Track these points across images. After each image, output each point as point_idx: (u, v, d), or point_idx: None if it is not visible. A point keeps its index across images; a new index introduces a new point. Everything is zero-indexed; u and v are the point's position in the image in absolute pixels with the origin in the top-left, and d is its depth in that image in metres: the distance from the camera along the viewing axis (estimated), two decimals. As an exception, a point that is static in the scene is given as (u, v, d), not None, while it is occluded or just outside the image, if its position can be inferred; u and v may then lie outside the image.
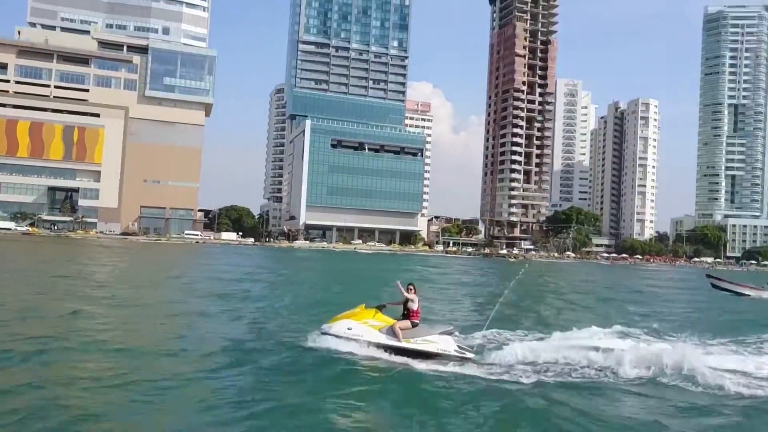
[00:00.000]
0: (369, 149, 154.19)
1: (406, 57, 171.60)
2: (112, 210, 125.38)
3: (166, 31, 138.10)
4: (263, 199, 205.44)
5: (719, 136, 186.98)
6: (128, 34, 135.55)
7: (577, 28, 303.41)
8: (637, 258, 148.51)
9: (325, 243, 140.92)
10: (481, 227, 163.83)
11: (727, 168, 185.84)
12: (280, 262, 61.26)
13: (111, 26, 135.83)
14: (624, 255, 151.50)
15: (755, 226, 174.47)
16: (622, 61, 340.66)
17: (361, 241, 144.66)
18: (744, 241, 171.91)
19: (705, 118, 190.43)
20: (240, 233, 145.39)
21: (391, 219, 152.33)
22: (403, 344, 12.24)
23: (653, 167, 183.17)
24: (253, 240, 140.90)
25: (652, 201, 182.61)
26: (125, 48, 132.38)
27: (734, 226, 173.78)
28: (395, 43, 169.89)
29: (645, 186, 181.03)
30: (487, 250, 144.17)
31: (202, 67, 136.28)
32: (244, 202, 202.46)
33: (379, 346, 12.09)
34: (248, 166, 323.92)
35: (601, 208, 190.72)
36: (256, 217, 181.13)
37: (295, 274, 42.93)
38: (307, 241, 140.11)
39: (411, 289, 12.86)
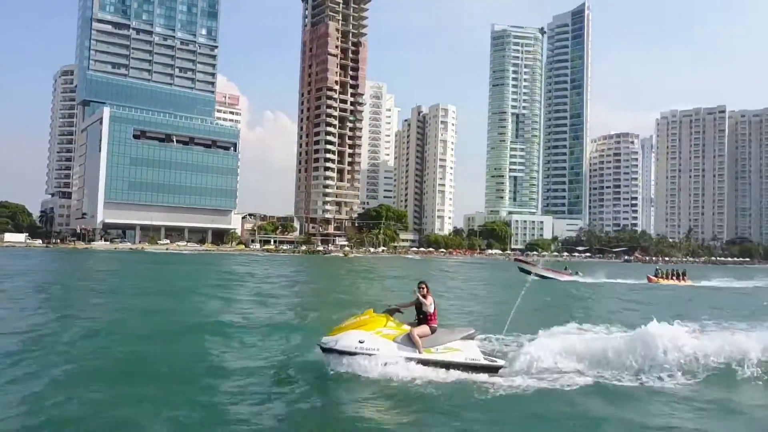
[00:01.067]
0: (177, 141, 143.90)
1: (216, 46, 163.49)
2: None
3: None
4: (45, 194, 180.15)
5: (504, 141, 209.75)
6: None
7: (380, 34, 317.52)
8: (442, 251, 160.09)
9: (129, 243, 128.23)
10: (297, 224, 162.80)
11: (510, 170, 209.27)
12: (76, 267, 53.93)
13: None
14: (431, 249, 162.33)
15: (533, 221, 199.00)
16: (423, 68, 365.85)
17: (169, 241, 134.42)
18: (525, 234, 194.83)
19: (493, 124, 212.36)
20: (27, 234, 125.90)
21: (203, 216, 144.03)
22: (425, 356, 10.58)
23: (451, 168, 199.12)
24: (41, 241, 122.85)
25: (450, 199, 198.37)
26: None
27: (517, 221, 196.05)
28: (204, 31, 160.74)
29: (444, 185, 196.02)
30: (304, 247, 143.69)
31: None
32: (18, 198, 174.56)
33: (398, 360, 10.31)
34: (24, 157, 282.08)
35: (406, 206, 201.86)
36: (38, 215, 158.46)
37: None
38: (107, 242, 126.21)
39: (423, 288, 11.20)
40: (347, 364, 10.17)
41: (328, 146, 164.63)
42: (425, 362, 10.39)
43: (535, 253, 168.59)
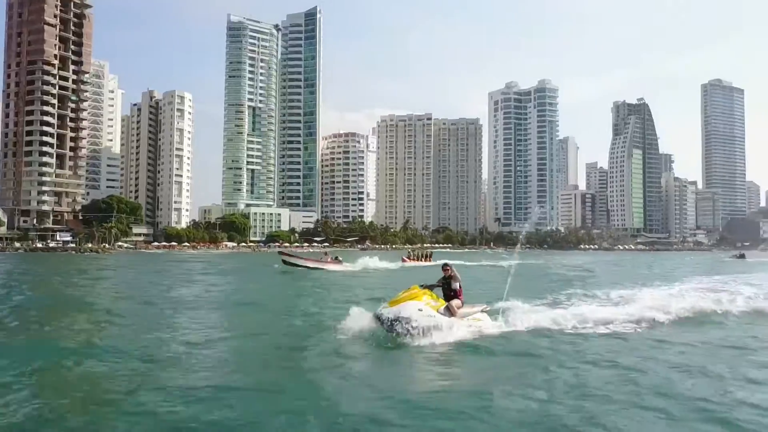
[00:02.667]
0: None
1: None
2: None
3: None
4: None
5: (241, 133, 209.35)
6: None
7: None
8: (185, 245, 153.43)
9: None
10: (3, 217, 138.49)
11: (248, 163, 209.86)
12: None
13: None
14: (173, 243, 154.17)
15: (271, 214, 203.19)
16: (153, 52, 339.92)
17: None
18: (263, 226, 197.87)
19: (230, 116, 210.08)
20: None
21: None
22: (462, 322, 12.90)
23: (188, 158, 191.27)
24: None
25: (187, 191, 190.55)
26: None
27: (255, 213, 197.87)
28: None
29: (181, 176, 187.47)
30: (18, 245, 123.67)
31: None
32: None
33: (444, 325, 12.31)
34: None
35: (137, 197, 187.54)
36: None
37: None
38: None
39: (448, 269, 13.48)
40: (410, 328, 11.80)
41: (46, 128, 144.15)
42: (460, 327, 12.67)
43: (276, 244, 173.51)
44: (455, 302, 13.02)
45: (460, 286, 13.41)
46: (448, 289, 13.33)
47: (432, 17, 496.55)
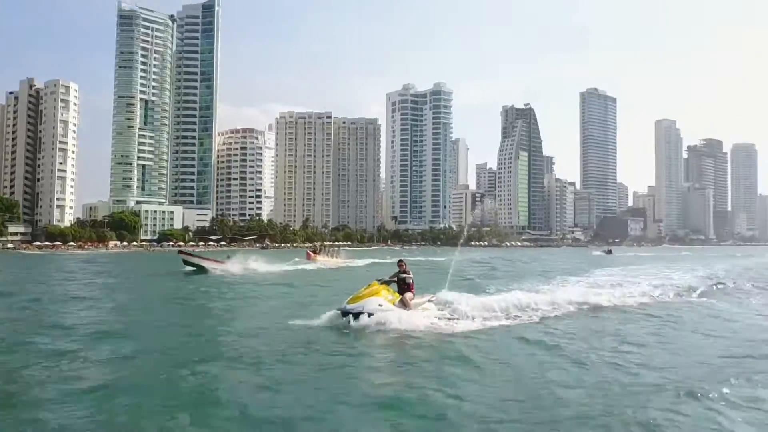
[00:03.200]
0: None
1: None
2: None
3: None
4: None
5: (132, 127, 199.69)
6: None
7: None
8: (71, 245, 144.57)
9: None
10: None
11: (139, 158, 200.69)
12: None
13: None
14: (57, 243, 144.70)
15: (163, 212, 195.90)
16: (42, 39, 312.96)
17: None
18: (155, 224, 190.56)
19: (119, 108, 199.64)
20: None
21: None
22: (415, 312, 14.84)
23: (73, 152, 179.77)
24: None
25: (72, 186, 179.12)
26: None
27: (146, 211, 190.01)
28: None
29: (65, 171, 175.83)
30: None
31: None
32: None
33: (400, 317, 14.15)
34: None
35: (12, 193, 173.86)
36: None
37: None
38: None
39: (403, 265, 15.50)
40: (373, 321, 13.68)
41: None
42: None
43: (171, 243, 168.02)
44: (408, 295, 14.98)
45: (412, 280, 15.44)
46: (402, 282, 15.20)
47: (330, 13, 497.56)
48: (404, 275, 15.41)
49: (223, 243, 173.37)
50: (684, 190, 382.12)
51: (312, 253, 54.80)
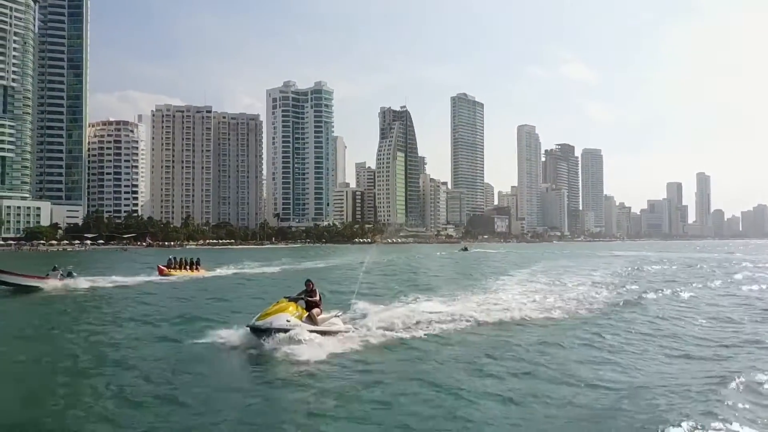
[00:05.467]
0: None
1: None
2: None
3: None
4: None
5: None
6: None
7: None
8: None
9: None
10: None
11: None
12: None
13: None
14: None
15: (28, 207, 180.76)
16: None
17: None
18: (19, 221, 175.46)
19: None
20: None
21: None
22: (322, 328, 15.50)
23: None
24: None
25: None
26: None
27: (9, 207, 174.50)
28: None
29: None
30: None
31: None
32: None
33: (309, 332, 14.67)
34: None
35: None
36: None
37: None
38: None
39: (310, 284, 16.18)
40: (281, 337, 13.95)
41: None
42: (323, 333, 15.26)
43: (42, 242, 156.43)
44: (315, 311, 15.57)
45: (320, 298, 16.25)
46: (310, 300, 15.82)
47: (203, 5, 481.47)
48: (311, 293, 16.10)
49: (101, 241, 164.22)
50: (542, 191, 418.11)
51: (166, 268, 41.97)
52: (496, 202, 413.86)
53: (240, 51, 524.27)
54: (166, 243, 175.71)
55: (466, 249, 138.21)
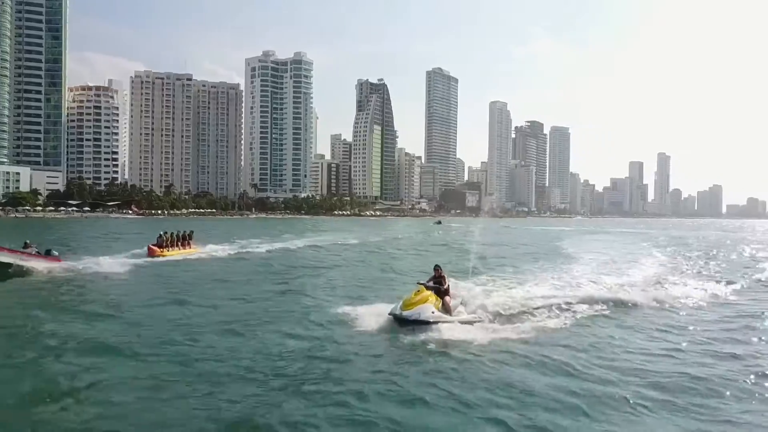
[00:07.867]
0: None
1: None
2: None
3: None
4: None
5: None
6: None
7: None
8: None
9: None
10: None
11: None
12: None
13: None
14: None
15: (7, 173, 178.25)
16: None
17: None
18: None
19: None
20: None
21: None
22: (456, 318, 14.93)
23: None
24: None
25: None
26: None
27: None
28: None
29: None
30: None
31: None
32: None
33: (447, 321, 14.31)
34: None
35: None
36: None
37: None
38: None
39: (439, 270, 15.57)
40: (427, 327, 13.61)
41: None
42: (461, 323, 14.75)
43: (27, 207, 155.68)
44: (447, 299, 15.07)
45: (449, 285, 15.61)
46: (441, 288, 15.26)
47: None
48: (441, 280, 15.61)
49: (86, 209, 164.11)
50: (511, 167, 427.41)
51: (156, 248, 34.07)
52: (466, 178, 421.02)
53: (215, 17, 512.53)
54: (151, 211, 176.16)
55: (439, 222, 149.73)
